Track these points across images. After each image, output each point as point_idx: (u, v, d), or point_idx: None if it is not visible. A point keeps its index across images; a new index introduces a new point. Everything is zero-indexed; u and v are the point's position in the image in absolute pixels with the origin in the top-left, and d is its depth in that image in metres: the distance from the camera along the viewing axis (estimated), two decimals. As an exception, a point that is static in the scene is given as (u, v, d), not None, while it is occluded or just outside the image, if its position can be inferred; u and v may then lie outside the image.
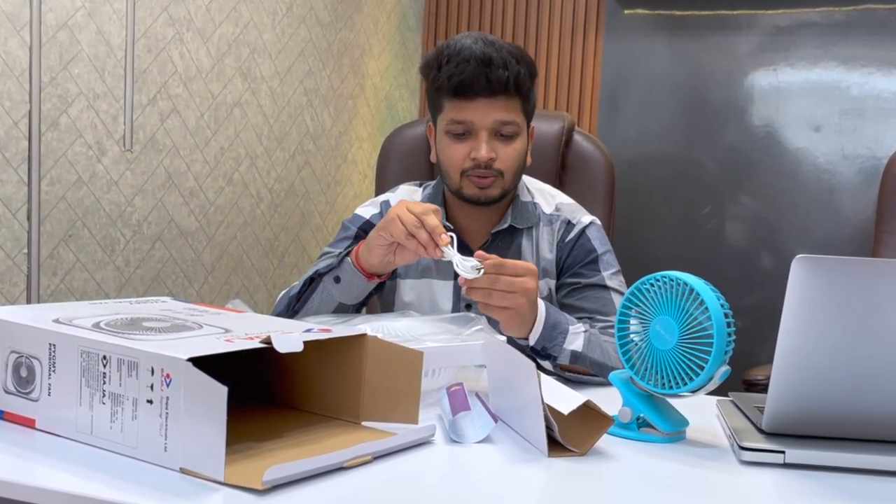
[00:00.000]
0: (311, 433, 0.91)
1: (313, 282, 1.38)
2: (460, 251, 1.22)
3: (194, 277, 2.22)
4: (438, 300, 1.47)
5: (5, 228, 1.72)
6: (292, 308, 1.40)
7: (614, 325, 1.01)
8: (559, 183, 1.77)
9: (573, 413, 0.89)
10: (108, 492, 0.72)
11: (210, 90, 2.21)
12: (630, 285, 1.00)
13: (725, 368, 0.92)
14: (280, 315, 1.39)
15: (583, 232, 1.47)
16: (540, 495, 0.83)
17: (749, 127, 2.76)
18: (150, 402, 0.77)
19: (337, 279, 1.35)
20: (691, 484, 0.86)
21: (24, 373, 0.86)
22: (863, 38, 2.62)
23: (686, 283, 0.93)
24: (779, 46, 2.72)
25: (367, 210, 1.54)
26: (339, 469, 0.80)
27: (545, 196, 1.53)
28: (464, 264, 1.19)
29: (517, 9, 3.00)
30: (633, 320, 0.99)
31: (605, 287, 1.43)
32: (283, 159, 2.51)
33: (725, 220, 2.81)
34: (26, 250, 1.75)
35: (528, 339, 1.26)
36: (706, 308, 0.91)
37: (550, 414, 0.89)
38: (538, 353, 1.27)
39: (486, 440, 0.94)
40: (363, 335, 0.94)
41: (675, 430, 0.98)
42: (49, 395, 0.85)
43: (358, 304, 1.40)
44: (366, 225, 1.49)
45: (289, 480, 0.75)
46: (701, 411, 1.07)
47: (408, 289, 1.49)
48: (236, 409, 0.76)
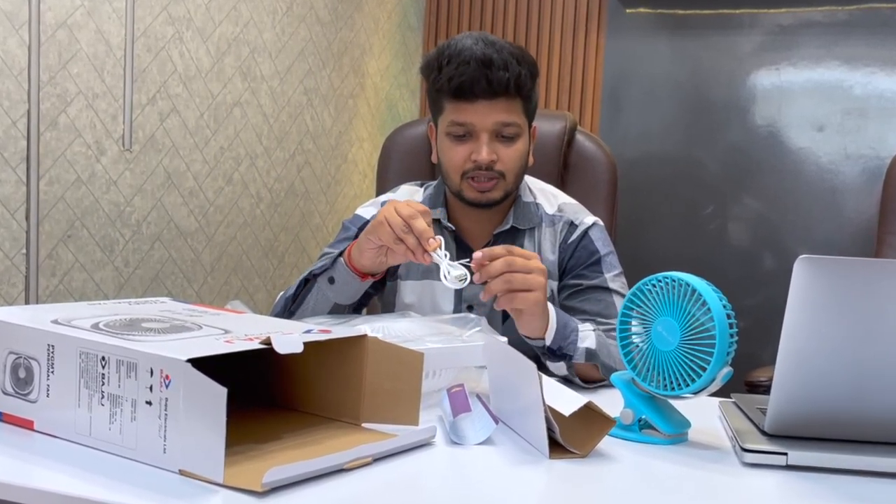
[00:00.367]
0: (311, 435, 0.90)
1: (308, 283, 1.38)
2: (462, 252, 1.21)
3: (194, 278, 2.21)
4: (440, 302, 1.46)
5: (4, 228, 1.72)
6: (288, 309, 1.40)
7: (616, 328, 1.01)
8: (561, 183, 1.77)
9: (574, 414, 0.89)
10: (106, 494, 0.72)
11: (210, 90, 2.20)
12: (632, 286, 1.00)
13: (727, 370, 0.92)
14: (278, 316, 1.39)
15: (585, 233, 1.47)
16: (541, 497, 0.83)
17: (751, 126, 2.76)
18: (150, 403, 0.77)
19: (331, 280, 1.35)
20: (693, 486, 0.85)
21: (22, 374, 0.86)
22: (866, 38, 2.62)
23: (688, 284, 0.93)
24: (781, 45, 2.71)
25: (367, 210, 1.53)
26: (340, 471, 0.80)
27: (547, 196, 1.52)
28: (451, 273, 1.16)
29: (518, 8, 3.00)
30: (634, 321, 0.99)
31: (607, 289, 1.42)
32: (283, 159, 2.51)
33: (727, 220, 2.81)
34: (25, 250, 1.75)
35: (545, 338, 1.25)
36: (708, 309, 0.91)
37: (551, 415, 0.89)
38: (554, 353, 1.26)
39: (487, 442, 0.94)
40: (363, 336, 0.94)
41: (676, 432, 0.98)
42: (47, 396, 0.84)
43: (355, 304, 1.40)
44: (366, 225, 1.48)
45: (289, 482, 0.75)
46: (703, 413, 1.07)
47: (409, 290, 1.49)
48: (236, 410, 0.76)
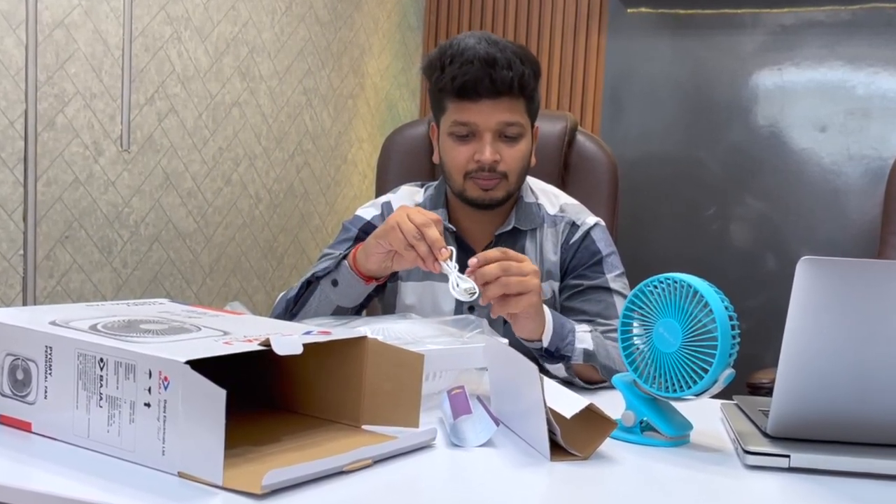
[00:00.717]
0: (311, 437, 0.90)
1: (310, 285, 1.37)
2: (463, 253, 1.20)
3: (192, 279, 2.21)
4: (440, 303, 1.46)
5: (1, 230, 1.71)
6: (290, 311, 1.39)
7: (617, 329, 1.00)
8: (562, 183, 1.76)
9: (576, 416, 0.88)
10: (104, 496, 0.71)
11: (208, 90, 2.20)
12: (633, 287, 1.00)
13: (730, 371, 0.92)
14: (278, 318, 1.38)
15: (587, 233, 1.46)
16: (542, 500, 0.82)
17: (753, 127, 2.75)
18: (148, 405, 0.76)
19: (335, 283, 1.34)
20: (695, 488, 0.85)
21: (20, 375, 0.86)
22: (869, 38, 2.61)
23: (690, 285, 0.92)
24: (784, 45, 2.71)
25: (367, 211, 1.53)
26: (339, 473, 0.79)
27: (549, 197, 1.52)
28: (460, 285, 1.15)
29: (519, 7, 3.00)
30: (636, 323, 0.98)
31: (608, 289, 1.42)
32: (283, 159, 2.50)
33: (729, 220, 2.80)
34: (22, 252, 1.74)
35: (542, 339, 1.24)
36: (710, 310, 0.91)
37: (553, 417, 0.89)
38: (552, 354, 1.25)
39: (488, 444, 0.93)
40: (363, 338, 0.93)
41: (678, 434, 0.97)
42: (45, 398, 0.84)
43: (357, 307, 1.39)
44: (366, 226, 1.48)
45: (288, 484, 0.74)
46: (705, 415, 1.06)
47: (409, 291, 1.48)
48: (235, 412, 0.75)
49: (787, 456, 0.88)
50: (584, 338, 1.27)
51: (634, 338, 0.98)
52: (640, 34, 2.87)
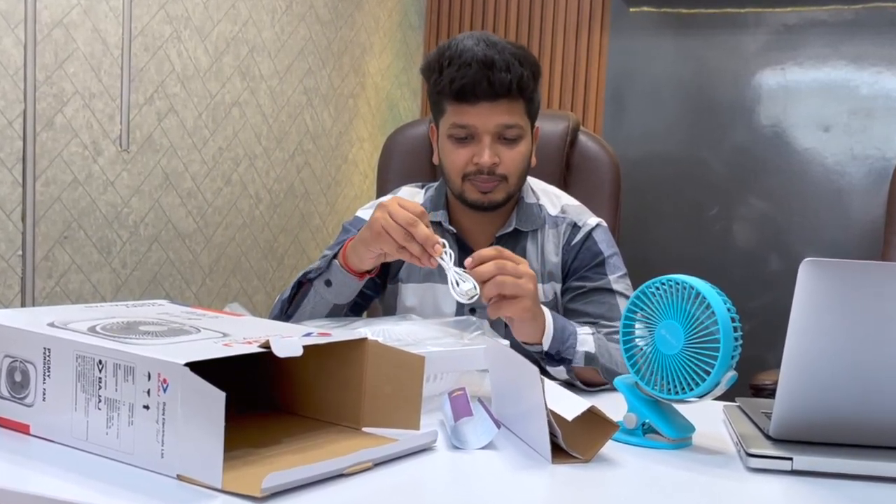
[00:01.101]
0: (311, 439, 0.89)
1: (302, 286, 1.37)
2: (463, 254, 1.20)
3: (192, 280, 2.20)
4: (441, 305, 1.46)
5: None
6: (285, 312, 1.39)
7: (619, 331, 1.00)
8: (564, 184, 1.76)
9: (577, 419, 0.88)
10: (103, 499, 0.71)
11: (208, 89, 2.19)
12: (635, 288, 0.99)
13: (732, 373, 0.91)
14: (275, 319, 1.38)
15: (589, 234, 1.46)
16: (543, 502, 0.82)
17: (756, 127, 2.75)
18: (147, 407, 0.76)
19: (328, 283, 1.34)
20: (697, 491, 0.85)
21: (18, 377, 0.85)
22: (872, 37, 2.61)
23: (692, 287, 0.92)
24: (787, 45, 2.70)
25: (367, 212, 1.52)
26: (339, 476, 0.79)
27: (550, 197, 1.51)
28: (460, 285, 1.15)
29: (520, 6, 2.99)
30: (638, 324, 0.98)
31: (610, 291, 1.41)
32: (283, 159, 2.50)
33: (732, 221, 2.80)
34: (21, 252, 1.74)
35: (542, 342, 1.24)
36: (712, 312, 0.90)
37: (554, 420, 0.88)
38: (552, 357, 1.25)
39: (489, 446, 0.93)
40: (363, 339, 0.93)
41: (681, 437, 0.97)
42: (44, 400, 0.84)
43: (352, 302, 1.38)
44: (367, 227, 1.47)
45: (288, 487, 0.74)
46: (707, 417, 1.06)
47: (410, 293, 1.48)
48: (234, 414, 0.75)
49: (790, 458, 0.88)
50: (585, 340, 1.26)
51: (636, 339, 0.98)
52: (643, 33, 2.86)
